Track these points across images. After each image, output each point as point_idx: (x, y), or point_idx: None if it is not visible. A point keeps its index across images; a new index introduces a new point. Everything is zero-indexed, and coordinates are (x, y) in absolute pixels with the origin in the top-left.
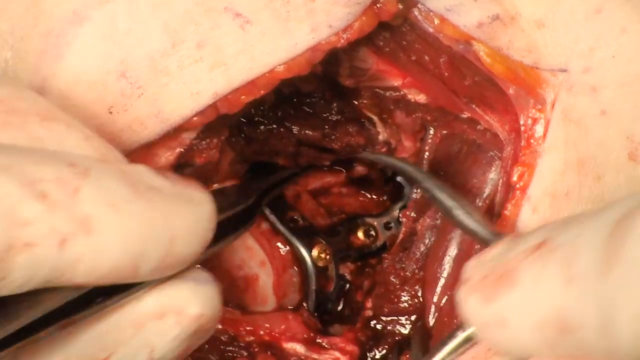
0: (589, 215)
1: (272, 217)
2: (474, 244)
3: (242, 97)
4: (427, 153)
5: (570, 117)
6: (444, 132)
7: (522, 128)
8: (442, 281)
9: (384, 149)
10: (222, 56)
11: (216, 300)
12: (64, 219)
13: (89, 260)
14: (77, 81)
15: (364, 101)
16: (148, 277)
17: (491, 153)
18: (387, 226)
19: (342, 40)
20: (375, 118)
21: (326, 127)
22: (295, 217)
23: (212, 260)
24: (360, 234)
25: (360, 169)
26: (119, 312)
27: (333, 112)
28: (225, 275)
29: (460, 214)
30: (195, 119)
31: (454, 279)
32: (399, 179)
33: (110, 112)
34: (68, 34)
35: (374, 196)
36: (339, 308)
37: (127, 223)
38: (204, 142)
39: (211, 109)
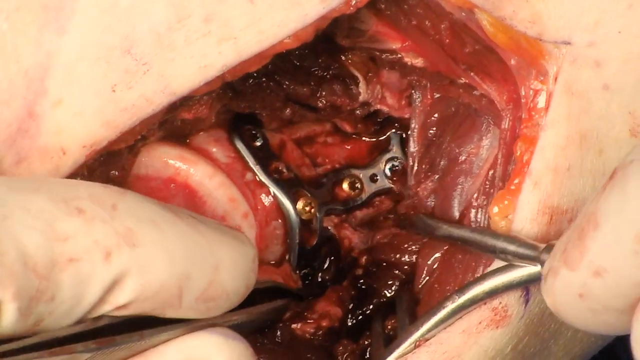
0: None
1: (257, 168)
2: (477, 207)
3: (250, 66)
4: (418, 116)
5: (573, 90)
6: (438, 95)
7: (523, 100)
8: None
9: (359, 111)
10: (230, 30)
11: (245, 357)
12: (105, 232)
13: (137, 275)
14: (80, 57)
15: (352, 58)
16: (192, 309)
17: (487, 118)
18: (373, 179)
19: (351, 8)
20: (360, 76)
21: (312, 83)
22: (280, 168)
23: (195, 210)
24: (345, 186)
25: (347, 127)
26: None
27: (320, 67)
28: None
29: (503, 243)
30: (202, 88)
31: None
32: (389, 133)
33: (114, 90)
34: (66, 6)
35: (360, 146)
36: (325, 265)
37: (172, 241)
38: (194, 99)
39: (217, 78)
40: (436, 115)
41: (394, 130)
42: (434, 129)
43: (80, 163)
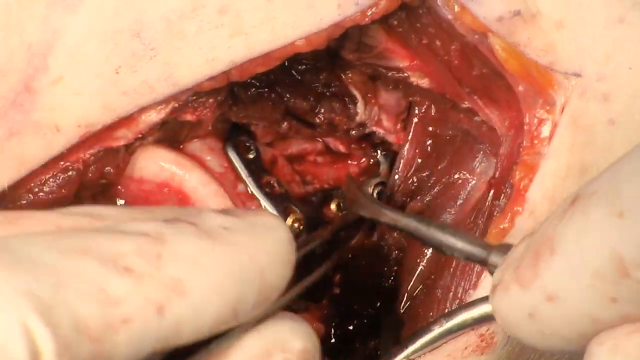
0: (613, 163)
1: (249, 180)
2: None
3: (257, 67)
4: (414, 137)
5: (579, 122)
6: (438, 118)
7: (526, 127)
8: (419, 269)
9: (354, 132)
10: (243, 25)
11: (314, 336)
12: (154, 287)
13: (191, 320)
14: (87, 37)
15: (352, 77)
16: (248, 317)
17: (483, 146)
18: None
19: (367, 19)
20: (359, 96)
21: (311, 98)
22: (271, 182)
23: None
24: (333, 206)
25: (340, 147)
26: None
27: (320, 83)
28: None
29: (450, 238)
30: (205, 83)
31: (432, 268)
32: (379, 157)
33: (117, 72)
34: None
35: (349, 169)
36: None
37: (216, 275)
38: (200, 100)
39: (223, 75)
40: (431, 140)
41: (384, 154)
42: (428, 151)
43: (73, 143)
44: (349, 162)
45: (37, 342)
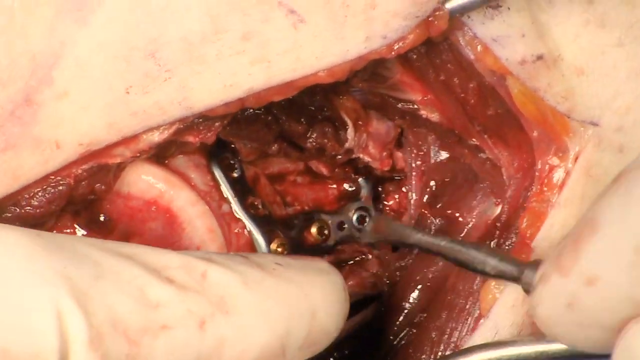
0: None
1: (235, 201)
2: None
3: (275, 95)
4: (414, 172)
5: (592, 172)
6: (442, 153)
7: (537, 173)
8: (406, 307)
9: (340, 156)
10: (266, 52)
11: None
12: (197, 300)
13: (234, 342)
14: (98, 52)
15: (345, 103)
16: (297, 357)
17: (484, 184)
18: (340, 226)
19: (392, 52)
20: (349, 122)
21: (303, 120)
22: (255, 203)
23: (172, 236)
24: (313, 230)
25: (323, 170)
26: None
27: (314, 105)
28: None
29: (482, 255)
30: (219, 108)
31: (420, 309)
32: (360, 180)
33: (127, 92)
34: None
35: (329, 191)
36: None
37: (265, 301)
38: (206, 123)
39: (238, 102)
40: (436, 177)
41: (364, 178)
42: (433, 189)
43: (71, 160)
44: (330, 184)
45: (69, 328)
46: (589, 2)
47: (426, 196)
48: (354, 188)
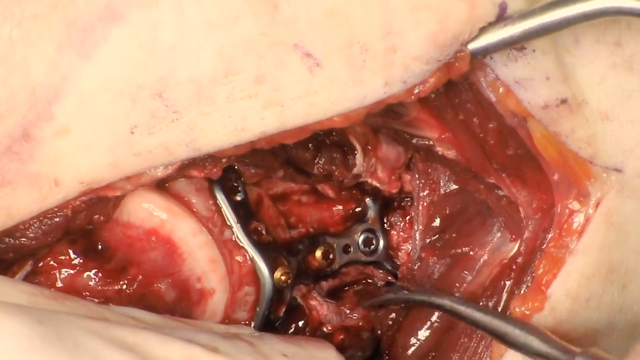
0: None
1: (238, 227)
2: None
3: (287, 138)
4: (421, 202)
5: (613, 220)
6: (454, 186)
7: (557, 217)
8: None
9: (347, 180)
10: (280, 96)
11: None
12: None
13: None
14: (102, 89)
15: (355, 127)
16: None
17: (498, 220)
18: (345, 250)
19: (412, 97)
20: (358, 147)
21: (311, 145)
22: (259, 229)
23: (172, 267)
24: (318, 254)
25: (330, 192)
26: None
27: (321, 130)
28: (180, 285)
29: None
30: (228, 150)
31: (429, 349)
32: (367, 200)
33: (132, 132)
34: (97, 30)
35: (335, 212)
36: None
37: None
38: (213, 160)
39: (248, 144)
40: (443, 211)
41: (371, 199)
42: (441, 221)
43: (70, 198)
44: (336, 205)
45: None
46: (616, 44)
47: (432, 231)
48: (360, 209)
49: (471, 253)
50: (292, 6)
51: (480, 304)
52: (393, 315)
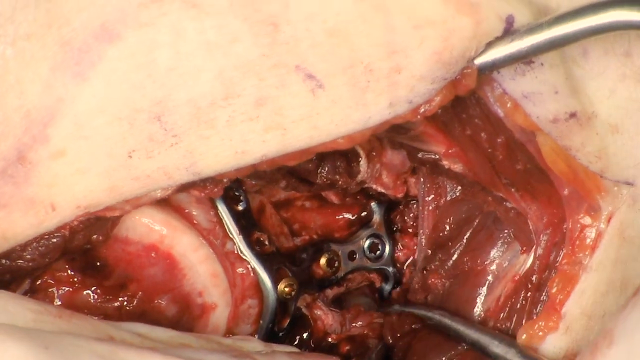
0: None
1: (240, 238)
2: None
3: (289, 160)
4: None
5: (626, 234)
6: (458, 197)
7: (568, 233)
8: None
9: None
10: (282, 119)
11: None
12: None
13: None
14: (98, 112)
15: None
16: None
17: (507, 232)
18: (351, 256)
19: (418, 116)
20: (362, 154)
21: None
22: (261, 239)
23: (172, 282)
24: (323, 262)
25: (333, 198)
26: None
27: None
28: (182, 300)
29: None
30: (229, 173)
31: None
32: (372, 204)
33: (130, 157)
34: (93, 50)
35: (338, 215)
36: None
37: None
38: (214, 181)
39: (249, 167)
40: (448, 219)
41: (376, 203)
42: (446, 228)
43: (67, 221)
44: (340, 209)
45: None
46: (626, 55)
47: (438, 239)
48: (365, 213)
49: (479, 268)
50: (292, 26)
51: (497, 323)
52: (409, 322)
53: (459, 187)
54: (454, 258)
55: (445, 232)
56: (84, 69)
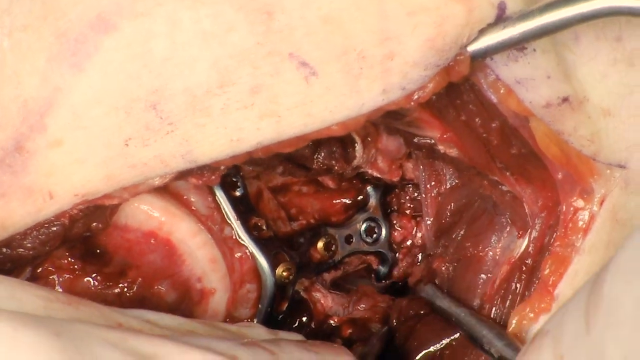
0: (566, 302)
1: (238, 224)
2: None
3: (284, 147)
4: (432, 204)
5: (618, 217)
6: (457, 183)
7: (562, 216)
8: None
9: (347, 171)
10: (276, 107)
11: None
12: None
13: None
14: (95, 101)
15: None
16: None
17: (505, 217)
18: (348, 240)
19: (412, 102)
20: (358, 140)
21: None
22: (259, 224)
23: (171, 268)
24: (320, 246)
25: (330, 183)
26: None
27: None
28: (181, 285)
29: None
30: (225, 160)
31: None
32: (368, 188)
33: (127, 145)
34: (89, 41)
35: (334, 200)
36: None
37: None
38: (211, 168)
39: (245, 154)
40: (449, 205)
41: (372, 187)
42: (449, 213)
43: (65, 209)
44: (336, 193)
45: None
46: (617, 40)
47: (441, 224)
48: (361, 197)
49: (481, 254)
50: (287, 15)
51: (492, 307)
52: (417, 307)
53: (456, 177)
54: (456, 243)
55: (448, 219)
56: (81, 60)
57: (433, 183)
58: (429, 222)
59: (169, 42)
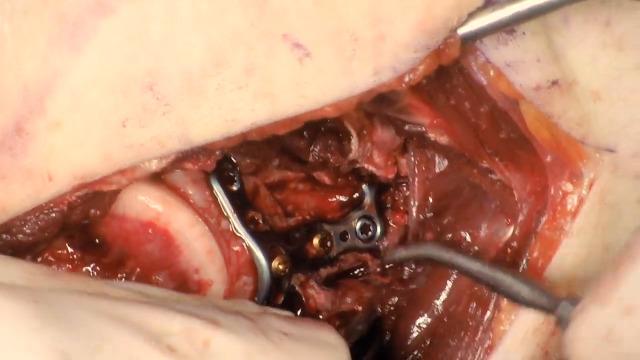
0: None
1: (234, 217)
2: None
3: (279, 129)
4: (419, 189)
5: (607, 200)
6: (447, 169)
7: (550, 199)
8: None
9: (341, 166)
10: (270, 87)
11: None
12: None
13: None
14: (93, 83)
15: (350, 112)
16: None
17: (494, 204)
18: (343, 237)
19: (403, 84)
20: (353, 133)
21: (306, 133)
22: (256, 218)
23: (169, 259)
24: (316, 242)
25: (326, 179)
26: None
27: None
28: (178, 277)
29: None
30: (219, 142)
31: (428, 335)
32: (363, 187)
33: (124, 126)
34: (87, 23)
35: (330, 197)
36: None
37: None
38: (206, 152)
39: (239, 135)
40: (438, 190)
41: (368, 185)
42: (436, 198)
43: (64, 192)
44: (332, 191)
45: None
46: (606, 23)
47: (428, 209)
48: (357, 195)
49: (469, 239)
50: None
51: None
52: (395, 299)
53: (446, 161)
54: (446, 229)
55: (435, 202)
56: (79, 42)
57: (423, 168)
58: (414, 207)
59: (165, 23)
